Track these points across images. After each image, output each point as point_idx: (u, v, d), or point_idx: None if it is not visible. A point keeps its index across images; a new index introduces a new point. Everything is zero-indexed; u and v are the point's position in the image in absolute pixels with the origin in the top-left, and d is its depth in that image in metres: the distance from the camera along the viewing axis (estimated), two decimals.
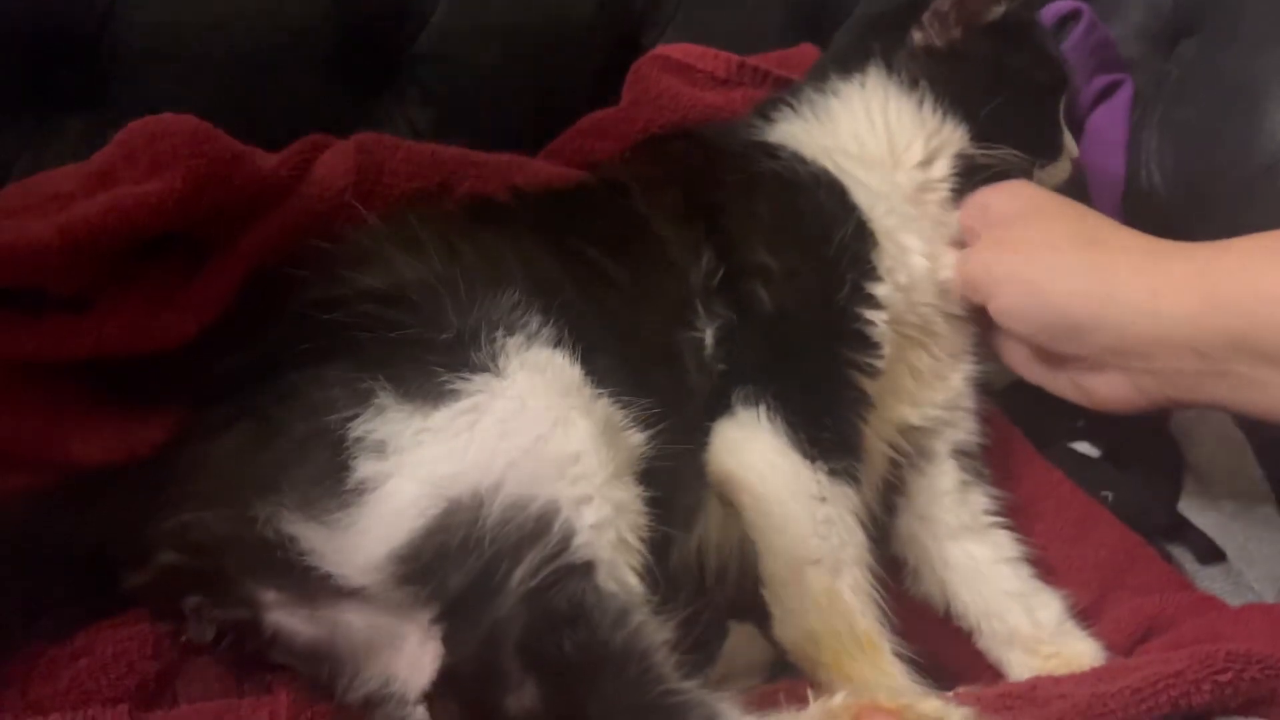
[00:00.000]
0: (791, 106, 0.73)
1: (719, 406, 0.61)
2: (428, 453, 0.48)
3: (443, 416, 0.49)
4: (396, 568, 0.46)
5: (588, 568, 0.46)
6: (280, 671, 0.51)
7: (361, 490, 0.47)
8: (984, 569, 0.66)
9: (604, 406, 0.52)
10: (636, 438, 0.52)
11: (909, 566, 0.68)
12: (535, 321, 0.52)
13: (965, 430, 0.69)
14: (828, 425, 0.60)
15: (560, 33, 0.84)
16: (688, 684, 0.43)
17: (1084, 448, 0.75)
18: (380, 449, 0.48)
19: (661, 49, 0.83)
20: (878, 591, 0.58)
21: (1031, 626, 0.64)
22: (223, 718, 0.48)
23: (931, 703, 0.43)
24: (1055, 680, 0.53)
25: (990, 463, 0.69)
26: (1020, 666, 0.63)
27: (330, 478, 0.48)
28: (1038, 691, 0.49)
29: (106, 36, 0.70)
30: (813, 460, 0.59)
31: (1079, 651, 0.62)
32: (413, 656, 0.48)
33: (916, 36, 0.71)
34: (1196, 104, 0.85)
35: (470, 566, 0.45)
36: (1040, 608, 0.64)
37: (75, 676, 0.49)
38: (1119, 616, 0.63)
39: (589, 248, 0.62)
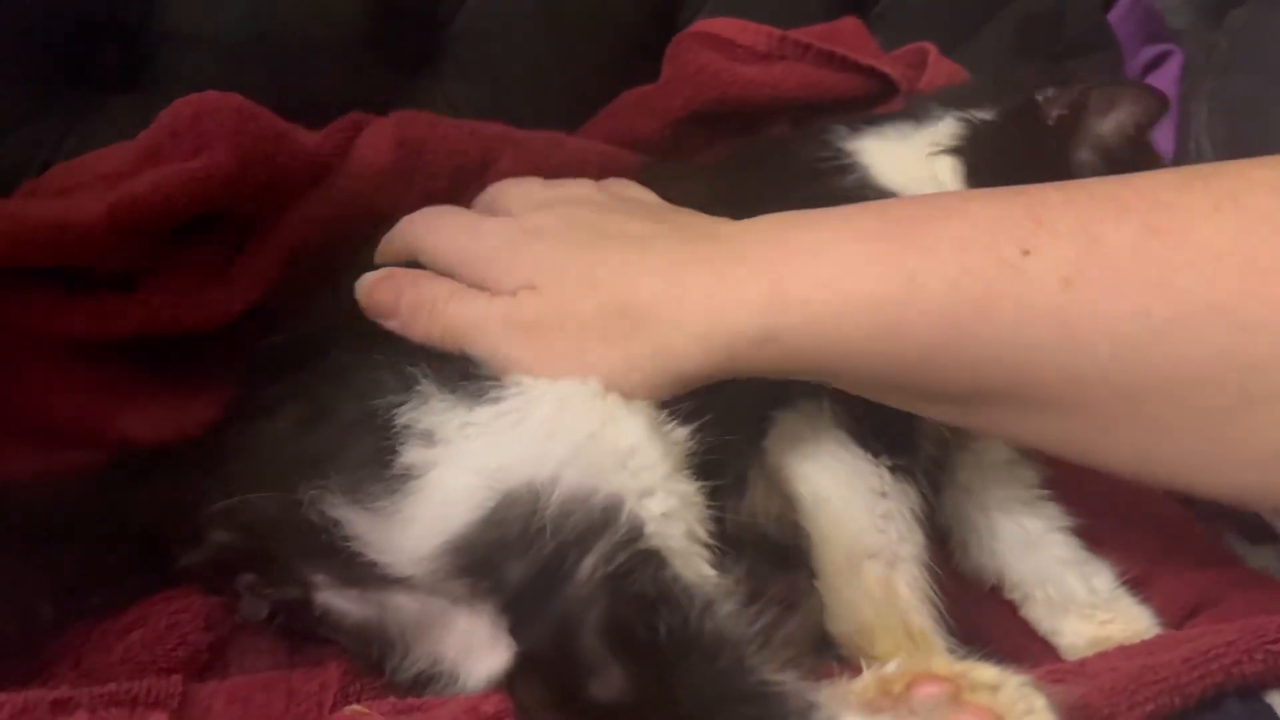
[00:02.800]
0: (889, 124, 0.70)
1: (775, 398, 0.60)
2: (475, 445, 0.48)
3: (485, 413, 0.49)
4: (451, 559, 0.46)
5: (663, 556, 0.45)
6: (331, 644, 0.51)
7: (408, 477, 0.47)
8: (1036, 539, 0.65)
9: (643, 406, 0.51)
10: (680, 433, 0.51)
11: (956, 540, 0.67)
12: None
13: None
14: (890, 421, 0.59)
15: (598, 9, 0.84)
16: (783, 675, 0.42)
17: None
18: (428, 437, 0.48)
19: (700, 24, 0.82)
20: (935, 592, 0.58)
21: (1087, 593, 0.63)
22: (274, 688, 0.48)
23: (987, 671, 0.43)
24: (1103, 656, 0.53)
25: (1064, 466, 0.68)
26: (1074, 635, 0.63)
27: (376, 463, 0.48)
28: (1087, 667, 0.49)
29: (150, 17, 0.70)
30: (875, 455, 0.59)
31: (1134, 616, 0.62)
32: (463, 638, 0.48)
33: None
34: (1247, 74, 0.84)
35: (533, 557, 0.44)
36: (1094, 575, 0.64)
37: (129, 648, 0.50)
38: (1168, 592, 0.63)
39: None
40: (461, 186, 0.66)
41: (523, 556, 0.45)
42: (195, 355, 0.63)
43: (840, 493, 0.58)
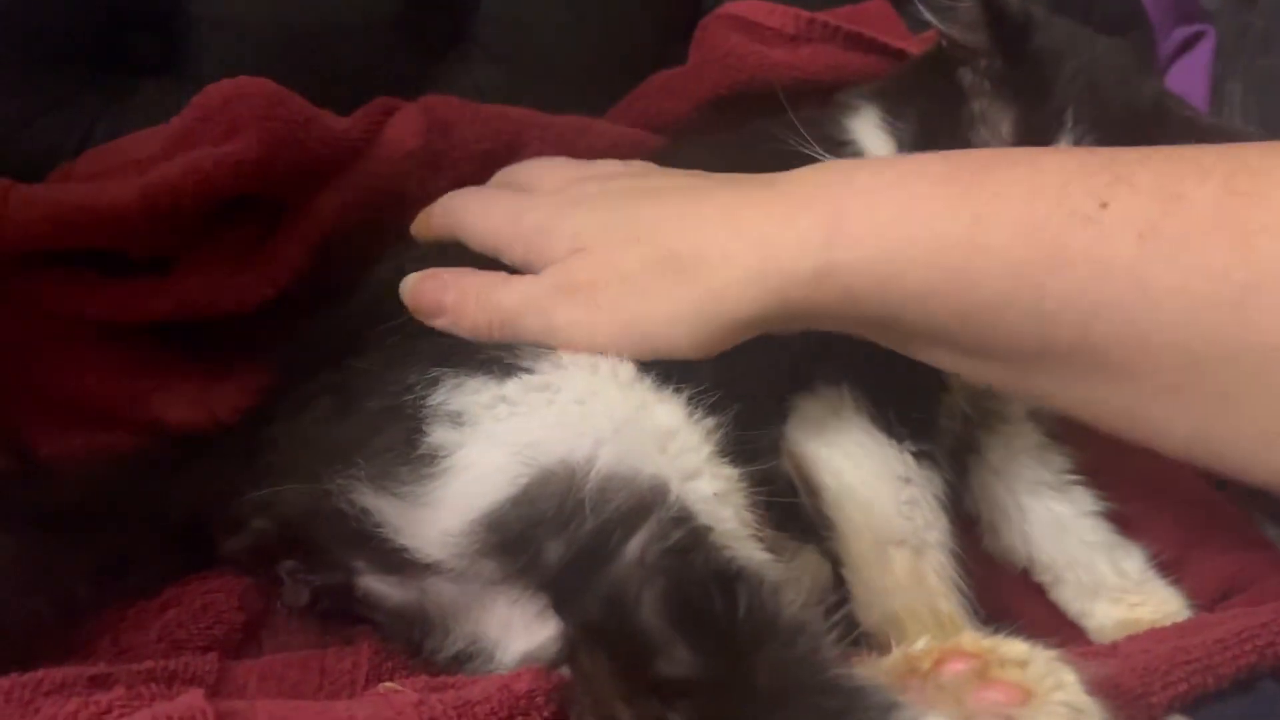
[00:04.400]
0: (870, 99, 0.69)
1: (796, 382, 0.59)
2: (507, 423, 0.48)
3: (517, 387, 0.49)
4: (483, 537, 0.46)
5: (718, 536, 0.44)
6: (362, 625, 0.52)
7: (435, 459, 0.47)
8: (1066, 523, 0.65)
9: (672, 396, 0.50)
10: (709, 422, 0.50)
11: (984, 521, 0.67)
12: None
13: None
14: (913, 405, 0.59)
15: None
16: (860, 671, 0.41)
17: None
18: (456, 417, 0.48)
19: (728, 6, 0.81)
20: (962, 577, 0.57)
21: (1117, 576, 0.63)
22: (307, 666, 0.48)
23: (1016, 646, 0.42)
24: (1134, 638, 0.52)
25: (1069, 423, 0.68)
26: (1104, 617, 0.62)
27: (403, 447, 0.48)
28: (1119, 648, 0.48)
29: (181, 4, 0.70)
30: (900, 440, 0.58)
31: (1164, 599, 0.62)
32: (504, 617, 0.48)
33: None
34: None
35: (572, 536, 0.44)
36: (1125, 558, 0.63)
37: (165, 626, 0.50)
38: (1200, 574, 0.62)
39: None
40: (489, 170, 0.66)
41: (560, 535, 0.44)
42: (226, 337, 0.64)
43: (865, 480, 0.58)
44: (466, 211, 0.57)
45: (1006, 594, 0.65)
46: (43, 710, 0.39)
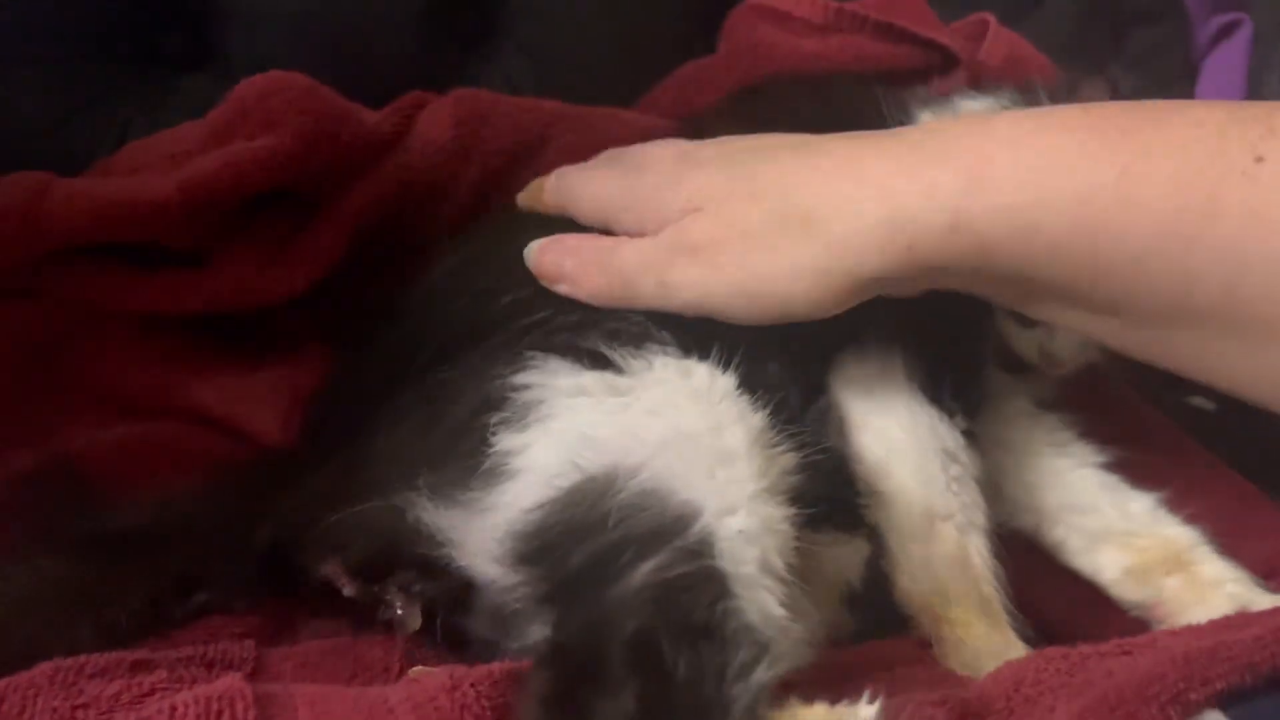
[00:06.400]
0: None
1: (843, 337, 0.57)
2: (576, 416, 0.47)
3: (598, 382, 0.48)
4: (517, 546, 0.45)
5: (726, 580, 0.42)
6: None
7: (500, 460, 0.46)
8: (1067, 475, 0.63)
9: (760, 419, 0.49)
10: (788, 459, 0.49)
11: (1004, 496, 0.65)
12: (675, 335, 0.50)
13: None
14: (965, 382, 0.58)
15: None
16: None
17: (1199, 401, 0.73)
18: (530, 409, 0.47)
19: None
20: (1000, 565, 0.57)
21: (1123, 519, 0.61)
22: (342, 653, 0.49)
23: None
24: (1174, 633, 0.52)
25: (1101, 417, 0.67)
26: (1113, 567, 0.60)
27: (471, 455, 0.47)
28: (1158, 640, 0.48)
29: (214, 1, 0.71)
30: (951, 415, 0.57)
31: (1172, 537, 0.59)
32: None
33: None
34: None
35: (590, 547, 0.42)
36: (1131, 501, 0.61)
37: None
38: (1239, 559, 0.61)
39: None
40: (521, 163, 0.66)
41: (583, 544, 0.42)
42: (261, 328, 0.65)
43: (915, 448, 0.56)
44: (579, 182, 0.57)
45: (1027, 587, 0.64)
46: (86, 692, 0.39)
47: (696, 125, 0.67)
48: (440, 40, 0.78)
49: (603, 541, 0.42)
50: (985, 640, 0.54)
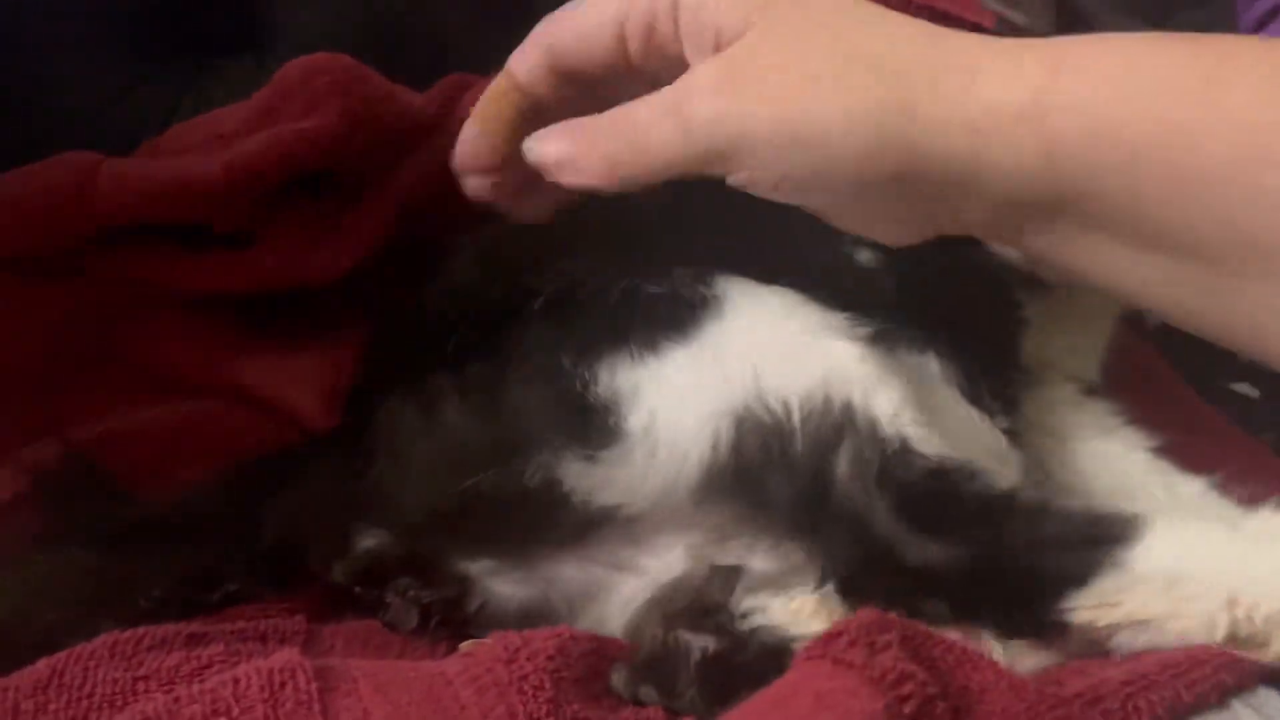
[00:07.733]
0: None
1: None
2: (683, 378, 0.48)
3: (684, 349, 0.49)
4: (707, 486, 0.47)
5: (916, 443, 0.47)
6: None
7: (622, 416, 0.48)
8: (1117, 461, 0.62)
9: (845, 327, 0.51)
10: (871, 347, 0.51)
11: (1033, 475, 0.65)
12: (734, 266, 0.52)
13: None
14: (1002, 381, 0.58)
15: None
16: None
17: (1243, 388, 0.72)
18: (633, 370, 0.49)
19: None
20: None
21: (1173, 503, 0.60)
22: (389, 631, 0.50)
23: None
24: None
25: (1147, 404, 0.66)
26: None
27: (583, 414, 0.48)
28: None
29: None
30: (991, 415, 0.56)
31: (1226, 519, 0.57)
32: (625, 600, 0.48)
33: None
34: None
35: (791, 469, 0.46)
36: (1181, 484, 0.61)
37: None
38: None
39: None
40: None
41: (780, 470, 0.47)
42: (305, 307, 0.65)
43: (960, 447, 0.55)
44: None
45: None
46: (146, 663, 0.40)
47: None
48: (482, 21, 0.78)
49: (802, 461, 0.47)
50: None
